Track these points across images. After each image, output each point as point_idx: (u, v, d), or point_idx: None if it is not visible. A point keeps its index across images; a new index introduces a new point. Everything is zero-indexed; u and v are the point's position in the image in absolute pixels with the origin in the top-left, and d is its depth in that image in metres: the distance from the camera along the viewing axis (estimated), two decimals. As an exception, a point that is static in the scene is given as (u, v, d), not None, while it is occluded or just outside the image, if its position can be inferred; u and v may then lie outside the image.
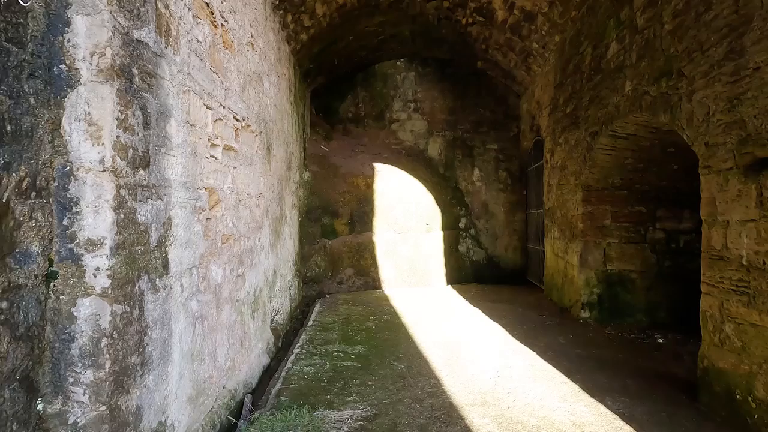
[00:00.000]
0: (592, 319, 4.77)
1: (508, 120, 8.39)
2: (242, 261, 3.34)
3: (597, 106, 4.36)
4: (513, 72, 7.64)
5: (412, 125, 8.49)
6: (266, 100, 4.32)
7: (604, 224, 4.75)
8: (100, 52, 1.60)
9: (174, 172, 2.14)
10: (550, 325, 4.73)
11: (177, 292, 2.17)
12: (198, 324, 2.45)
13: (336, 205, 7.12)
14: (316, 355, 3.70)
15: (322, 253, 6.77)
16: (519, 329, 4.57)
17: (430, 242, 7.59)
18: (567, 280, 5.25)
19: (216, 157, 2.81)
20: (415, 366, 3.52)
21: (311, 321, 4.78)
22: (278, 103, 4.93)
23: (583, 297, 4.81)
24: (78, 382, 1.56)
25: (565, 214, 5.35)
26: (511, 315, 5.20)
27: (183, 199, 2.24)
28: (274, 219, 4.62)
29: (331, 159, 7.67)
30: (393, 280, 7.14)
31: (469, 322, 4.90)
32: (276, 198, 4.72)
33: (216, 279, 2.77)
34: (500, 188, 8.34)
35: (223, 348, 2.87)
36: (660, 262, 4.66)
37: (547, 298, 6.09)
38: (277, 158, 4.79)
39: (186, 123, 2.28)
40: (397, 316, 5.18)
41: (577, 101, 4.95)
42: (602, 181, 4.70)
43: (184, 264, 2.24)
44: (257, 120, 3.88)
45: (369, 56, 8.10)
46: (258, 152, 3.93)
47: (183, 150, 2.24)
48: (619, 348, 3.97)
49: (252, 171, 3.67)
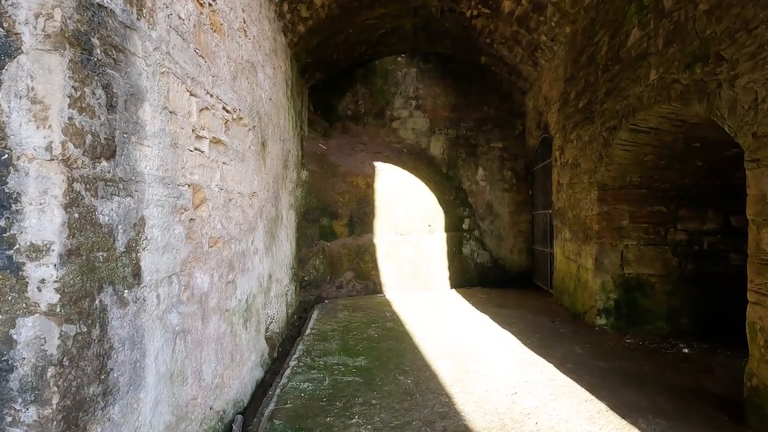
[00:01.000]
0: (609, 326, 4.47)
1: (513, 117, 8.10)
2: (233, 266, 3.04)
3: (615, 99, 4.07)
4: (518, 67, 7.36)
5: (414, 123, 8.20)
6: (260, 92, 4.02)
7: (622, 225, 4.45)
8: (47, 14, 1.29)
9: (149, 164, 1.83)
10: (564, 333, 4.43)
11: (152, 304, 1.86)
12: (179, 339, 2.14)
13: (335, 206, 6.81)
14: (314, 369, 3.39)
15: (320, 255, 6.46)
16: (531, 337, 4.27)
17: (432, 244, 7.29)
18: (580, 285, 4.95)
19: (202, 150, 2.51)
20: (422, 381, 3.21)
21: (309, 329, 4.46)
22: (274, 97, 4.63)
23: (598, 303, 4.51)
24: (18, 423, 1.25)
25: (577, 214, 5.06)
26: (521, 321, 4.90)
27: (160, 196, 1.93)
28: (270, 220, 4.32)
29: (329, 158, 7.37)
30: (394, 284, 6.84)
31: (477, 329, 4.60)
32: (271, 198, 4.42)
33: (202, 287, 2.46)
34: (505, 188, 8.05)
35: (210, 364, 2.57)
36: (682, 265, 4.35)
37: (557, 303, 5.79)
38: (272, 155, 4.49)
39: (164, 109, 1.98)
40: (400, 322, 4.88)
41: (592, 95, 4.66)
42: (619, 179, 4.40)
43: (161, 272, 1.94)
44: (250, 113, 3.58)
45: (369, 51, 7.80)
46: (251, 148, 3.63)
47: (160, 140, 1.93)
48: (642, 359, 3.67)
49: (244, 168, 3.37)
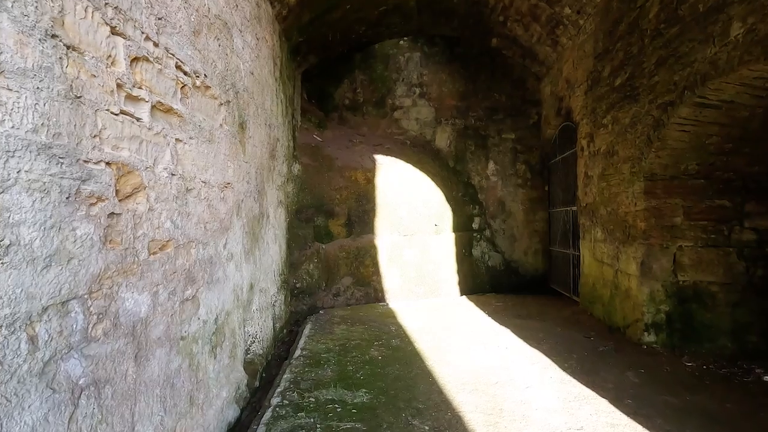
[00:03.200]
0: (660, 344, 3.73)
1: (527, 105, 7.36)
2: (193, 278, 2.29)
3: (671, 69, 3.34)
4: (534, 49, 6.62)
5: (418, 112, 7.45)
6: (238, 61, 3.27)
7: (674, 223, 3.71)
8: None
9: (10, 120, 1.09)
10: (605, 353, 3.70)
11: (21, 352, 1.12)
12: (87, 398, 1.39)
13: (331, 203, 6.06)
14: (302, 410, 2.63)
15: (314, 259, 5.71)
16: (568, 359, 3.53)
17: (439, 246, 6.55)
18: (619, 293, 4.21)
19: (137, 117, 1.76)
20: (444, 426, 2.47)
21: (299, 349, 3.70)
22: (257, 73, 3.88)
23: (645, 316, 3.77)
24: None
25: (614, 210, 4.33)
26: (551, 337, 4.16)
27: (38, 175, 1.19)
28: (251, 218, 3.57)
29: (325, 150, 6.62)
30: (398, 291, 6.09)
31: (500, 347, 3.86)
32: (254, 191, 3.67)
33: (135, 312, 1.71)
34: (518, 183, 7.31)
35: (152, 419, 1.81)
36: (750, 271, 3.62)
37: (586, 313, 5.05)
38: (255, 141, 3.74)
39: (51, 37, 1.23)
40: (407, 339, 4.13)
41: (635, 68, 3.92)
42: (672, 168, 3.67)
43: (38, 298, 1.19)
44: (222, 83, 2.83)
45: (368, 33, 7.05)
46: (224, 127, 2.88)
47: (41, 83, 1.19)
48: (718, 391, 2.92)
49: (212, 150, 2.62)
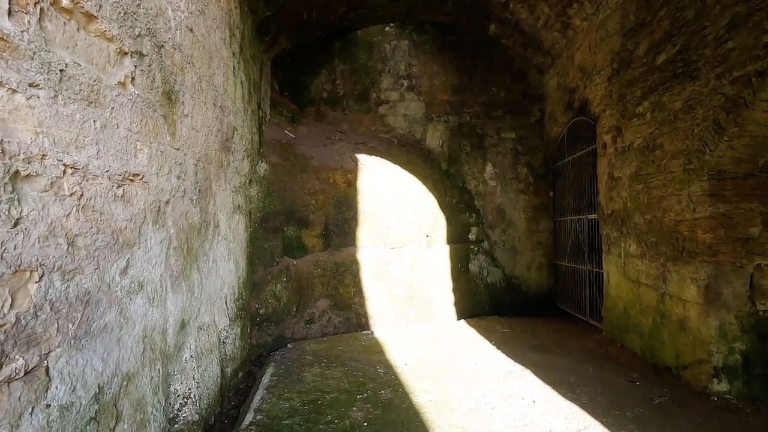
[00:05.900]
0: (735, 394, 2.84)
1: (529, 101, 6.54)
2: (31, 336, 1.26)
3: (758, 28, 2.50)
4: (539, 35, 5.81)
5: (406, 108, 6.54)
6: (164, 4, 2.27)
7: (750, 234, 2.86)
8: None
9: None
10: (663, 406, 2.78)
11: None
12: None
13: (305, 210, 5.05)
14: None
15: (283, 278, 4.66)
16: (621, 418, 2.60)
17: (432, 260, 5.60)
18: (669, 324, 3.32)
19: None
20: None
21: (252, 412, 2.62)
22: (200, 33, 2.87)
23: (715, 357, 2.88)
24: None
25: (657, 218, 3.46)
26: (585, 382, 3.22)
27: None
28: (185, 228, 2.54)
29: (298, 148, 5.62)
30: (385, 315, 5.09)
31: (524, 399, 2.91)
32: (191, 191, 2.64)
33: None
34: (520, 188, 6.45)
35: None
36: None
37: (616, 345, 4.15)
38: (195, 122, 2.72)
39: None
40: (401, 389, 3.13)
41: (690, 37, 3.09)
42: (747, 163, 2.83)
43: None
44: (125, 21, 1.82)
45: (350, 15, 6.13)
46: (131, 90, 1.87)
47: None
48: None
49: (99, 118, 1.61)
